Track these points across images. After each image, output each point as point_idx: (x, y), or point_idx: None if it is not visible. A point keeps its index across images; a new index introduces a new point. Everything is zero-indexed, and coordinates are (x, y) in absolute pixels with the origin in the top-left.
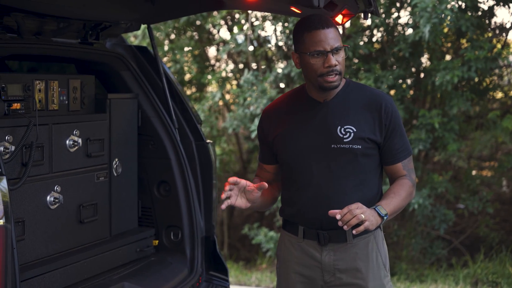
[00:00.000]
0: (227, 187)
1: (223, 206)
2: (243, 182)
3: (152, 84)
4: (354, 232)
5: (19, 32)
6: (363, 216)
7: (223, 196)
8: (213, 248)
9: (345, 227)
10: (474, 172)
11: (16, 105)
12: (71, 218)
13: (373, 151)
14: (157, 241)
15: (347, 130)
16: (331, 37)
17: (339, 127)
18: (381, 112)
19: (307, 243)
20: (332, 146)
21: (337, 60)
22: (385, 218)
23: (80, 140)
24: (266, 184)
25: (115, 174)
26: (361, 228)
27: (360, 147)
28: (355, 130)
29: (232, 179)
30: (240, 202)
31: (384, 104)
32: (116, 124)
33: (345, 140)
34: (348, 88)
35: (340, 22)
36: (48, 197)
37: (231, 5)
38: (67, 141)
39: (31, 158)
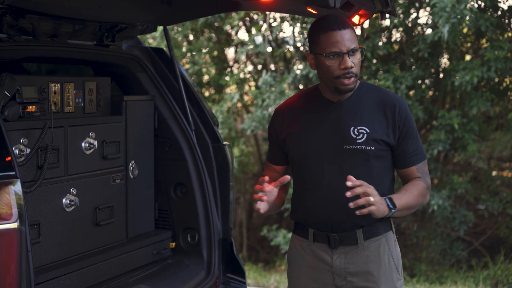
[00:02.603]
0: (264, 198)
1: (262, 210)
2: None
3: (169, 86)
4: (357, 212)
5: (34, 34)
6: (371, 199)
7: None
8: (231, 250)
9: (350, 204)
10: (494, 173)
11: (31, 108)
12: (87, 220)
13: (385, 153)
14: (174, 244)
15: (360, 131)
16: (347, 38)
17: (352, 128)
18: (395, 114)
19: (317, 247)
20: (345, 146)
21: (353, 62)
22: (393, 210)
23: (96, 143)
24: (288, 177)
25: (132, 177)
26: (365, 210)
27: (372, 148)
28: (368, 131)
29: (264, 179)
30: (263, 206)
31: (398, 107)
32: (132, 126)
33: (358, 141)
34: (362, 89)
35: (357, 22)
36: (64, 200)
37: (247, 6)
38: (83, 144)
39: (46, 160)
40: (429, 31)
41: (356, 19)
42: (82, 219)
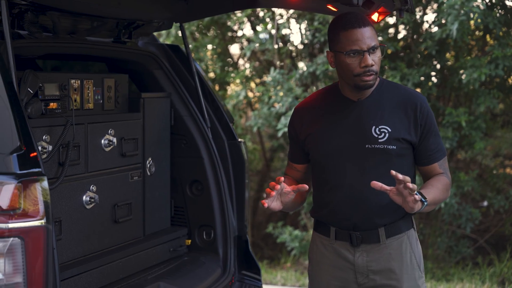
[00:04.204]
0: (273, 193)
1: (266, 205)
2: (283, 185)
3: (185, 83)
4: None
5: (55, 31)
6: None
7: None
8: (246, 248)
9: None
10: (500, 170)
11: (53, 105)
12: (106, 217)
13: (407, 151)
14: (189, 241)
15: (382, 130)
16: (367, 36)
17: (373, 127)
18: (416, 112)
19: (339, 245)
20: (367, 146)
21: (373, 59)
22: (425, 203)
23: (115, 140)
24: (306, 186)
25: (149, 174)
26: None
27: (395, 147)
28: (390, 130)
29: (280, 179)
30: (275, 204)
31: (419, 104)
32: (149, 123)
33: (379, 140)
34: (382, 87)
35: (376, 20)
36: (84, 197)
37: (265, 3)
38: (102, 141)
39: (68, 157)
40: (435, 28)
41: (375, 16)
42: (101, 216)
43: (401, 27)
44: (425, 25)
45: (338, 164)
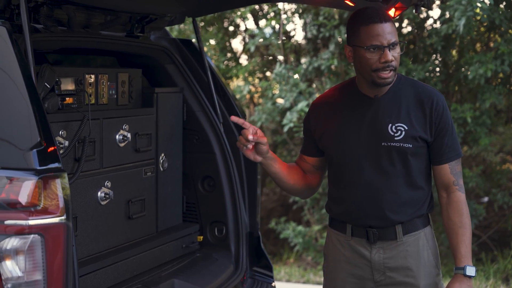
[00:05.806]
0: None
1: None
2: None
3: (197, 78)
4: None
5: (69, 25)
6: None
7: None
8: (258, 244)
9: None
10: (504, 166)
11: (69, 100)
12: (121, 214)
13: (423, 150)
14: (201, 237)
15: (398, 128)
16: (388, 32)
17: (390, 125)
18: (432, 109)
19: (355, 241)
20: (383, 144)
21: (393, 55)
22: (473, 275)
23: (129, 135)
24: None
25: (162, 169)
26: None
27: (411, 146)
28: (406, 128)
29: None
30: (249, 154)
31: (435, 102)
32: (162, 119)
33: (396, 139)
34: (400, 83)
35: (392, 15)
36: (99, 193)
37: None
38: (117, 136)
39: (84, 153)
40: (440, 24)
41: (391, 12)
42: (115, 212)
43: (405, 22)
44: (430, 21)
45: (354, 162)
